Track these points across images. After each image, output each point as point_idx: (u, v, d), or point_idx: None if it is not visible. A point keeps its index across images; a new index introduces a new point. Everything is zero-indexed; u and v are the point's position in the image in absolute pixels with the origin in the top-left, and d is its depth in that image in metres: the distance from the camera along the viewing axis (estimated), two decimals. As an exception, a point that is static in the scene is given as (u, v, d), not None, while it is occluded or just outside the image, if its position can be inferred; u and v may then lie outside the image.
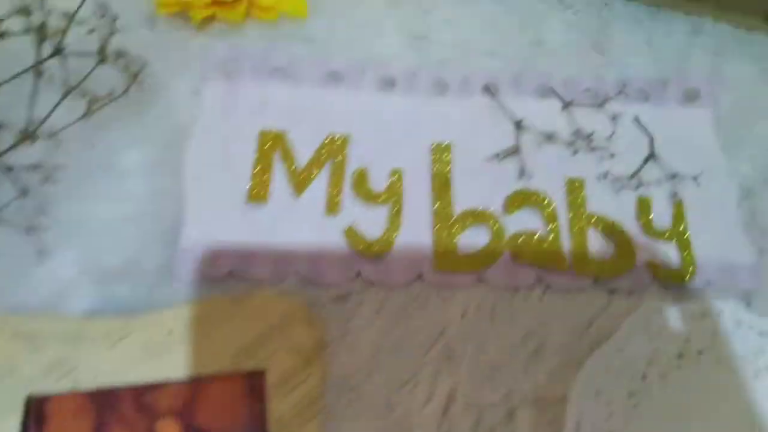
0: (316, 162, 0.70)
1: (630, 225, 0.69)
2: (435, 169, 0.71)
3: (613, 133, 0.73)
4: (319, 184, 0.69)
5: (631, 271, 0.66)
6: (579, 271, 0.66)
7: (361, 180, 0.69)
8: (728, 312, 0.61)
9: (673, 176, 0.72)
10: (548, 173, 0.71)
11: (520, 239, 0.68)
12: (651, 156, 0.73)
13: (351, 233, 0.67)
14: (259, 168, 0.68)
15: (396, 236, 0.66)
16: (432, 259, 0.65)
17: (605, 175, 0.72)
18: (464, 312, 0.64)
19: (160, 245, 0.63)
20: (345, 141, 0.71)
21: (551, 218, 0.69)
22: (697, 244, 0.68)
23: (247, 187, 0.68)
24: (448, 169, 0.71)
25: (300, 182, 0.69)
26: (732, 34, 0.80)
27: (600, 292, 0.66)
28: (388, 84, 0.74)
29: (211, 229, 0.65)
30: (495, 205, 0.69)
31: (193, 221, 0.64)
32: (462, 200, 0.69)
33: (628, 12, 0.81)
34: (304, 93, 0.73)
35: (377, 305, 0.63)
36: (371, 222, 0.67)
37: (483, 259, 0.66)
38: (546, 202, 0.70)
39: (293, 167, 0.69)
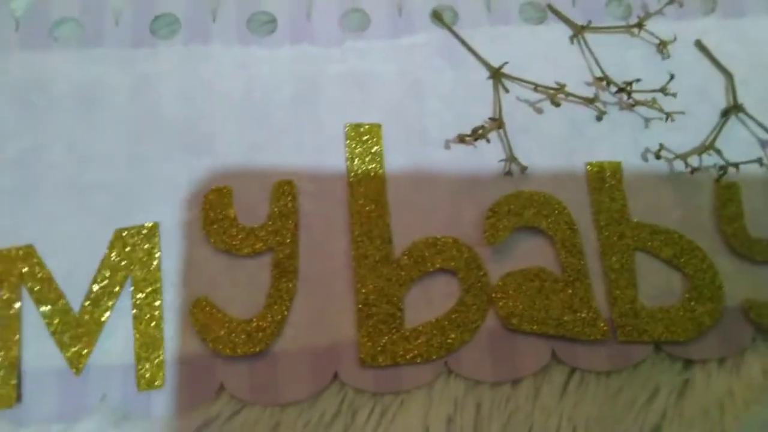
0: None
1: (707, 237, 0.53)
2: (354, 173, 0.53)
3: (671, 76, 0.56)
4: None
5: (718, 323, 0.50)
6: (627, 333, 0.50)
7: (218, 208, 0.52)
8: None
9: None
10: (553, 157, 0.55)
11: (516, 288, 0.50)
12: (733, 108, 0.56)
13: (201, 315, 0.49)
14: None
15: (285, 313, 0.49)
16: (355, 345, 0.49)
17: (657, 152, 0.55)
18: None
19: None
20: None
21: (568, 242, 0.52)
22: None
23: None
24: (377, 170, 0.53)
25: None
26: None
27: (668, 367, 0.51)
28: (259, 27, 0.58)
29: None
30: (466, 229, 0.52)
31: None
32: (406, 226, 0.52)
33: None
34: (108, 63, 0.56)
35: None
36: (239, 289, 0.50)
37: (452, 333, 0.49)
38: (557, 212, 0.52)
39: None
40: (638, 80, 0.55)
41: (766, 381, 0.50)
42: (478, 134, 0.53)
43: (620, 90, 0.55)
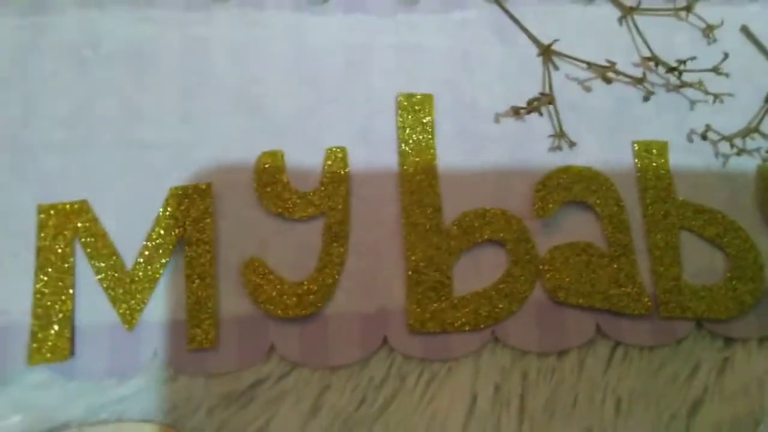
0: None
1: (750, 219, 0.54)
2: (405, 143, 0.54)
3: (725, 55, 0.56)
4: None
5: (759, 302, 0.51)
6: (670, 310, 0.51)
7: (271, 171, 0.52)
8: None
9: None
10: (601, 134, 0.56)
11: (563, 262, 0.51)
12: (777, 92, 0.56)
13: (253, 275, 0.49)
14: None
15: (336, 277, 0.50)
16: (404, 312, 0.50)
17: (703, 133, 0.55)
18: (472, 401, 0.49)
19: None
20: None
21: (615, 218, 0.52)
22: None
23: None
24: (428, 140, 0.54)
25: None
26: None
27: (709, 344, 0.51)
28: None
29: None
30: (515, 202, 0.53)
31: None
32: (456, 198, 0.53)
33: None
34: (161, 24, 0.56)
35: (309, 402, 0.48)
36: (289, 252, 0.51)
37: (500, 303, 0.50)
38: (605, 189, 0.53)
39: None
40: (693, 58, 0.55)
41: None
42: (532, 107, 0.54)
43: (671, 69, 0.55)
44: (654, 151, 0.55)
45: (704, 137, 0.55)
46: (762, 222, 0.54)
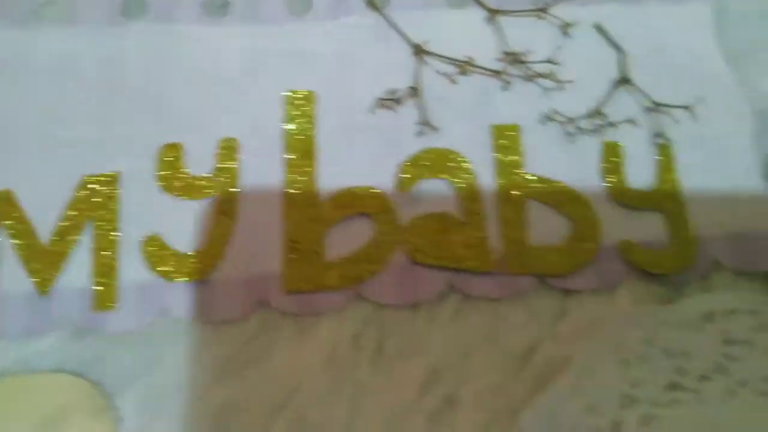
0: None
1: (592, 188, 0.60)
2: (290, 132, 0.62)
3: (559, 48, 0.65)
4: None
5: (595, 259, 0.58)
6: (515, 267, 0.57)
7: (171, 161, 0.60)
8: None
9: (656, 107, 0.63)
10: (464, 121, 0.63)
11: (422, 229, 0.58)
12: (622, 80, 0.64)
13: (151, 248, 0.57)
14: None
15: (223, 246, 0.57)
16: (282, 275, 0.57)
17: (552, 116, 0.62)
18: (332, 350, 0.56)
19: None
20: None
21: (469, 191, 0.60)
22: (697, 209, 0.59)
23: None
24: (309, 131, 0.62)
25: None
26: None
27: (548, 296, 0.58)
28: (217, 9, 0.65)
29: None
30: (383, 179, 0.60)
31: None
32: (331, 176, 0.60)
33: None
34: (83, 39, 0.64)
35: (197, 351, 0.55)
36: (185, 228, 0.58)
37: (364, 265, 0.57)
38: (461, 166, 0.60)
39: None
40: (532, 53, 0.63)
41: (631, 309, 0.57)
42: (393, 98, 0.61)
43: (521, 62, 0.63)
44: (508, 132, 0.61)
45: (554, 119, 0.62)
46: (602, 190, 0.60)
